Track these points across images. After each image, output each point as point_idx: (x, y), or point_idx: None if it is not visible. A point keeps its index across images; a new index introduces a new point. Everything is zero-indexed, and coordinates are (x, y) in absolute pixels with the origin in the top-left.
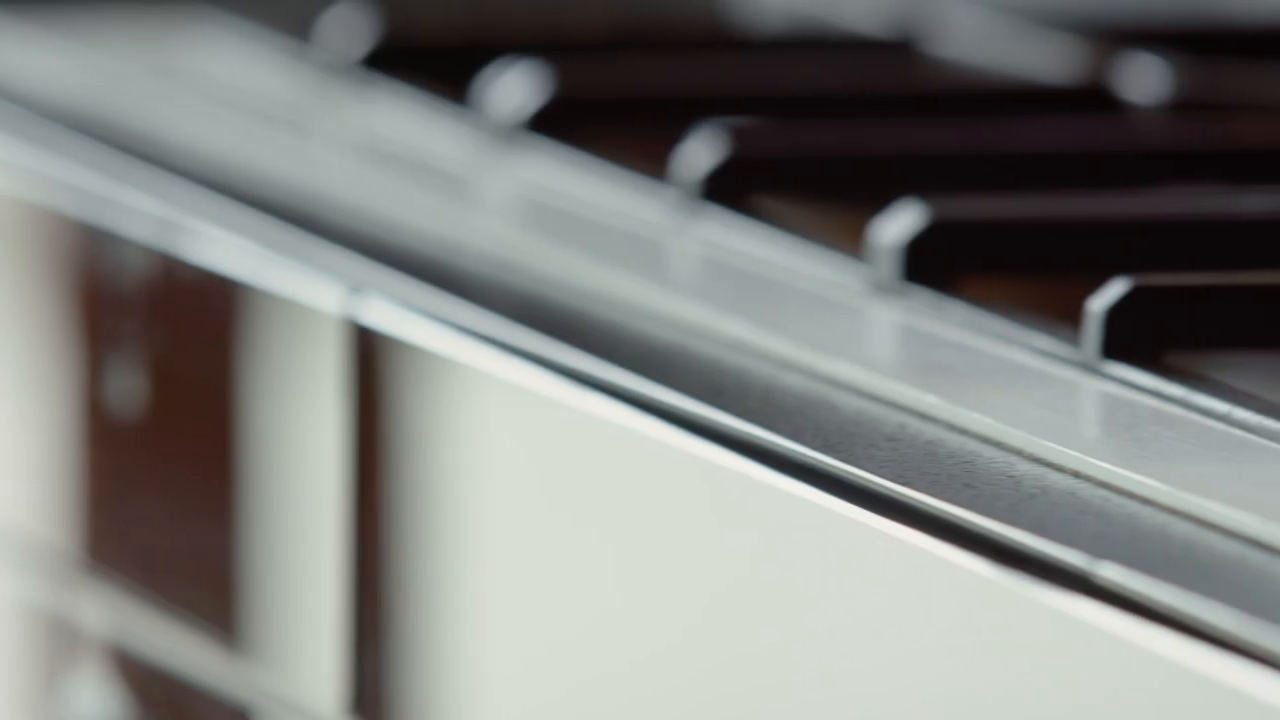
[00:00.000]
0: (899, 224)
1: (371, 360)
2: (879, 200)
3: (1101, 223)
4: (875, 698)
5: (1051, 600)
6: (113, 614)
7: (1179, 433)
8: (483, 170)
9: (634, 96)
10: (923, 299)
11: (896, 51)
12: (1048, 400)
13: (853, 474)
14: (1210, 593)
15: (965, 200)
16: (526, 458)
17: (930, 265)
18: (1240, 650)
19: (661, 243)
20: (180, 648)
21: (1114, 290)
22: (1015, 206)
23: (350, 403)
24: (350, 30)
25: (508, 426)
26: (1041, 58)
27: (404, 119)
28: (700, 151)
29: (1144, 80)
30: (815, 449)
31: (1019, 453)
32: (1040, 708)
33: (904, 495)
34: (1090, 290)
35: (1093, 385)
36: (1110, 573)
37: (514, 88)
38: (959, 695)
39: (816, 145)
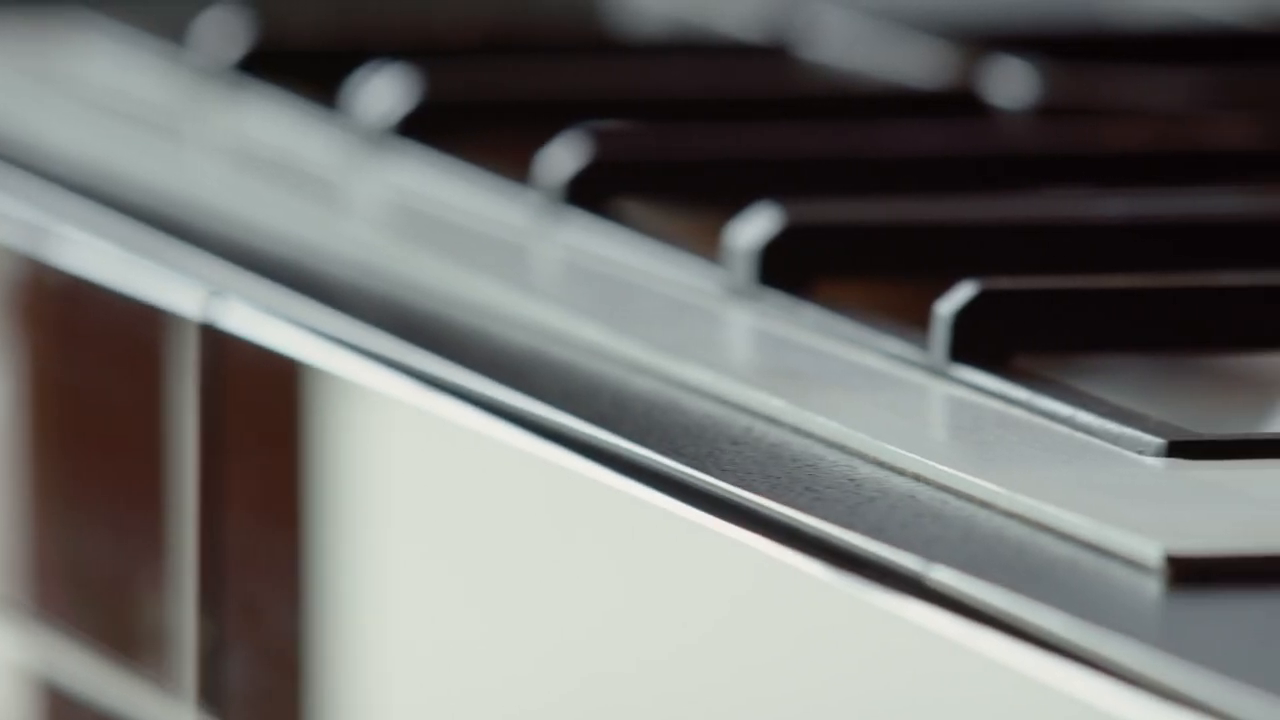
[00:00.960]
0: (754, 227)
1: (229, 364)
2: (740, 204)
3: (956, 226)
4: (715, 699)
5: (885, 603)
6: None
7: (1020, 436)
8: (350, 174)
9: (505, 100)
10: (777, 302)
11: (770, 56)
12: (893, 404)
13: (694, 477)
14: (1038, 595)
15: (821, 204)
16: (383, 461)
17: (785, 269)
18: (1067, 653)
19: (523, 247)
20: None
21: (961, 294)
22: (871, 210)
23: (208, 406)
24: (225, 34)
25: (365, 430)
26: (911, 62)
27: (275, 123)
28: (563, 155)
29: (1011, 84)
30: (660, 452)
31: (862, 456)
32: (873, 710)
33: (744, 499)
34: (942, 294)
35: (939, 388)
36: (941, 575)
37: (383, 92)
38: (796, 697)
39: (680, 149)
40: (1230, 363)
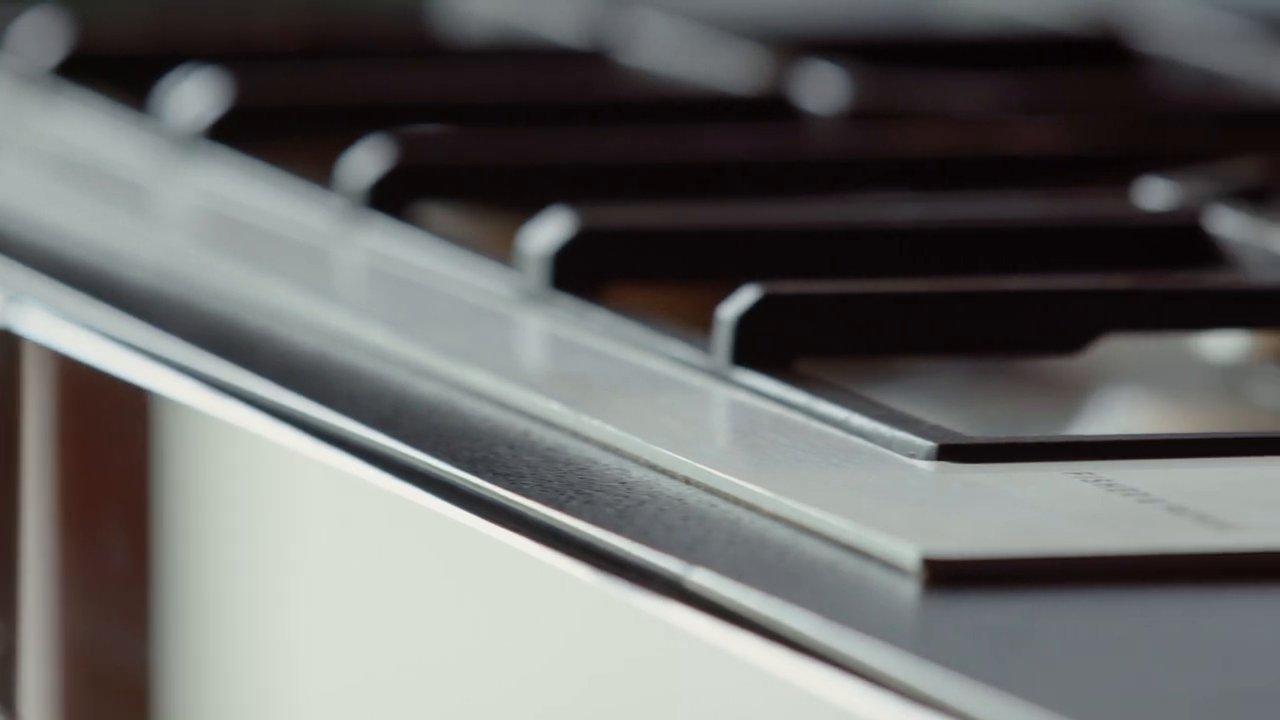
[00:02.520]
0: (547, 232)
1: (25, 369)
2: (540, 208)
3: (748, 231)
4: (479, 699)
5: (647, 606)
6: None
7: (794, 439)
8: (158, 179)
9: (319, 105)
10: (568, 307)
11: (590, 61)
12: (671, 407)
13: (465, 480)
14: (795, 598)
15: (615, 208)
16: (178, 464)
17: (577, 273)
18: (819, 655)
19: (323, 251)
20: None
21: (743, 298)
22: (664, 215)
23: (3, 411)
24: (42, 38)
25: (161, 434)
26: (728, 67)
27: (89, 127)
28: (366, 160)
29: (822, 89)
30: (435, 456)
31: (635, 459)
32: (634, 713)
33: (514, 502)
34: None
35: (720, 392)
36: (701, 578)
37: (195, 96)
38: (559, 699)
39: (484, 153)
40: (1011, 366)
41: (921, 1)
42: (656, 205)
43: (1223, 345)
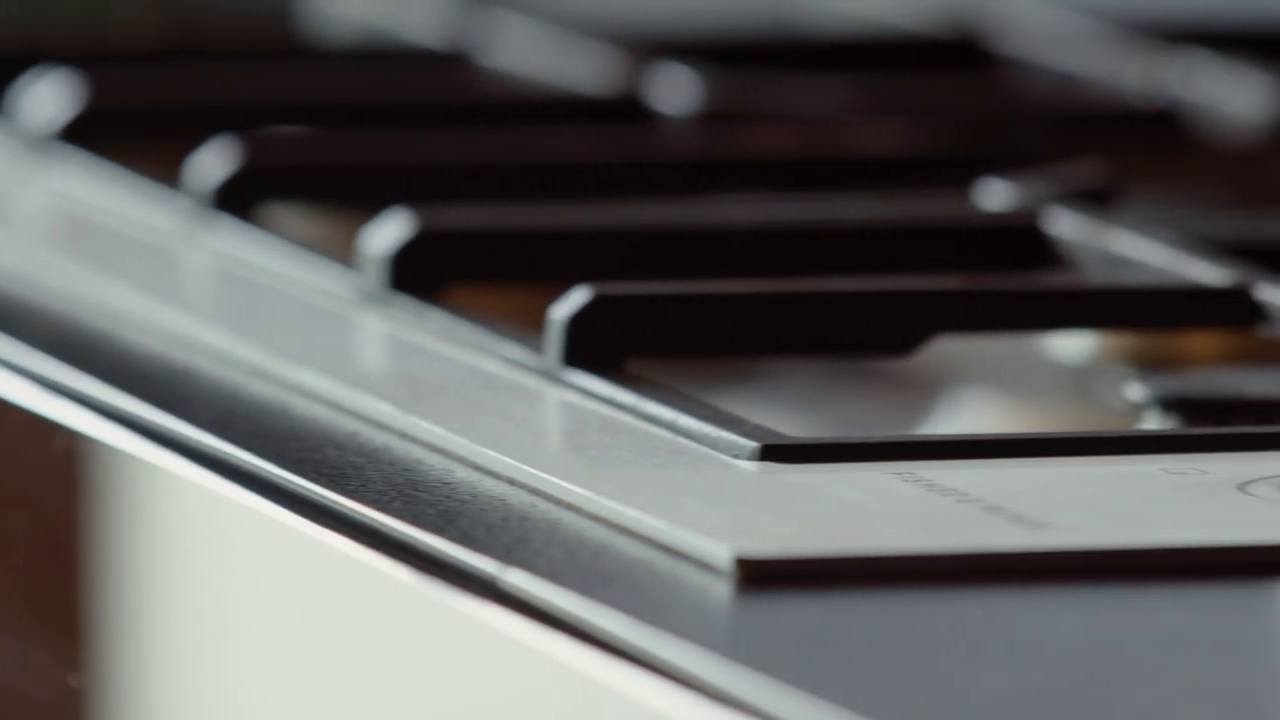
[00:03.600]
0: (387, 233)
1: None
2: (386, 209)
3: (588, 232)
4: (299, 696)
5: (464, 607)
6: None
7: (620, 440)
8: (11, 181)
9: (176, 106)
10: (406, 307)
11: (450, 63)
12: (501, 408)
13: (289, 480)
14: (606, 599)
15: (455, 209)
16: (10, 465)
17: (417, 274)
18: (629, 656)
19: (168, 252)
20: None
21: (575, 298)
22: (505, 216)
23: None
24: None
25: None
26: (585, 69)
27: None
28: (213, 161)
29: (676, 91)
30: (262, 456)
31: (460, 460)
32: (453, 714)
33: (335, 502)
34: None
35: (550, 393)
36: (515, 579)
37: (50, 97)
38: (376, 698)
39: (333, 154)
40: (865, 367)
41: (783, 4)
42: (499, 206)
43: (1071, 346)
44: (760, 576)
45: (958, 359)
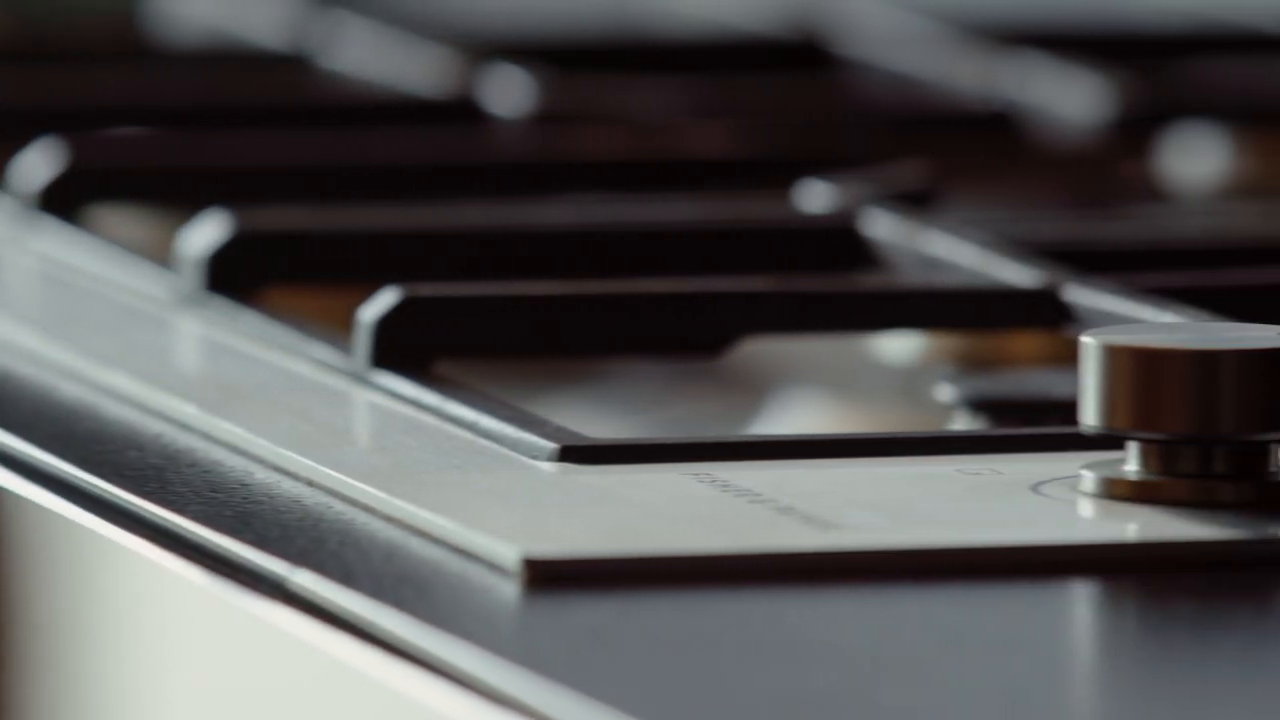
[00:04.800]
0: (204, 234)
1: None
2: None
3: (407, 234)
4: (96, 699)
5: (255, 608)
6: None
7: (422, 441)
8: None
9: (13, 107)
10: (221, 309)
11: (291, 65)
12: (306, 410)
13: (91, 483)
14: (394, 600)
15: (274, 211)
16: None
17: (233, 275)
18: (414, 658)
19: None
20: None
21: (384, 300)
22: (323, 217)
23: None
24: None
25: None
26: (422, 70)
27: None
28: (38, 162)
29: (510, 92)
30: (66, 459)
31: (260, 461)
32: (244, 715)
33: (134, 504)
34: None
35: (357, 395)
36: (304, 580)
37: None
38: (173, 698)
39: (160, 156)
40: (649, 368)
41: (627, 6)
42: (319, 207)
43: (899, 346)
44: (548, 577)
45: (784, 359)
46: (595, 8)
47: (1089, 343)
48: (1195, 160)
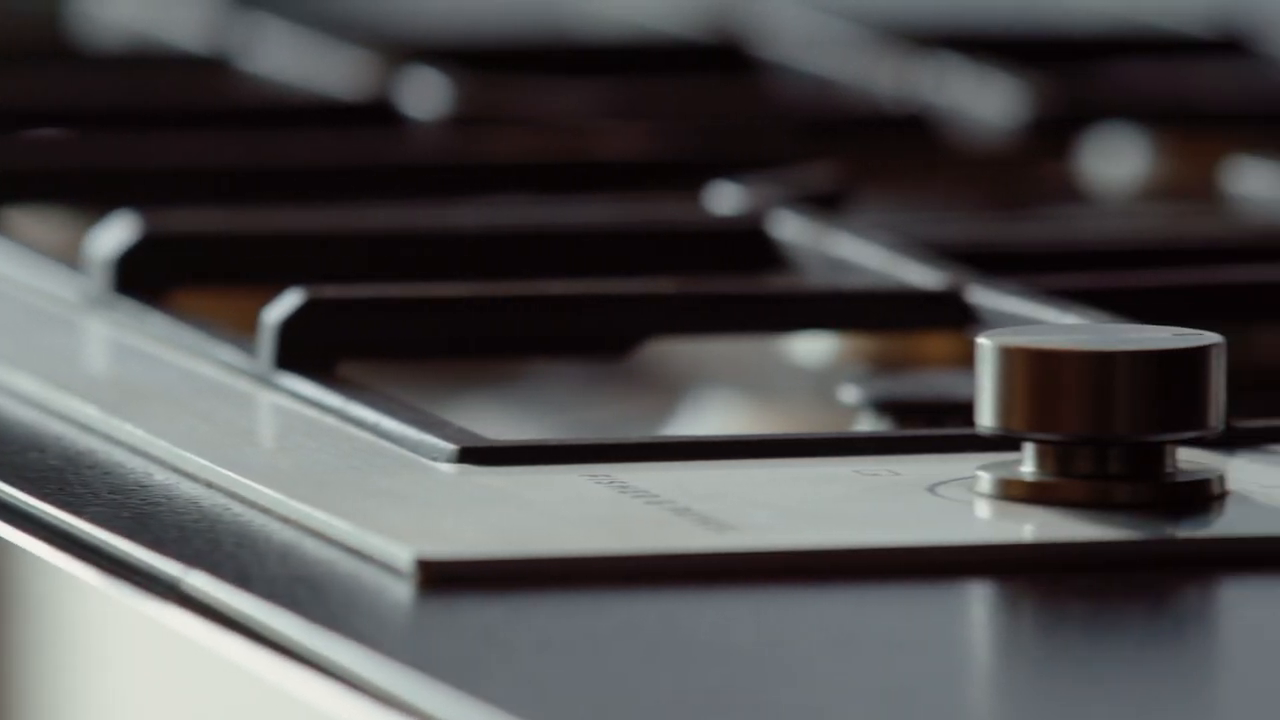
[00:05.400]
0: (112, 236)
1: None
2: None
3: (315, 236)
4: None
5: (149, 610)
6: None
7: (323, 443)
8: None
9: None
10: (129, 311)
11: (212, 67)
12: (209, 411)
13: None
14: (286, 602)
15: (182, 212)
16: None
17: (141, 277)
18: (305, 660)
19: None
20: None
21: (288, 302)
22: (232, 219)
23: None
24: None
25: None
26: (341, 73)
27: None
28: None
29: (427, 95)
30: None
31: (160, 463)
32: (137, 717)
33: (32, 506)
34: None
35: (260, 396)
36: (198, 581)
37: None
38: (65, 700)
39: (74, 157)
40: (562, 369)
41: (549, 8)
42: (229, 209)
43: (815, 348)
44: (441, 578)
45: (697, 360)
46: (517, 10)
47: (985, 344)
48: (1114, 162)
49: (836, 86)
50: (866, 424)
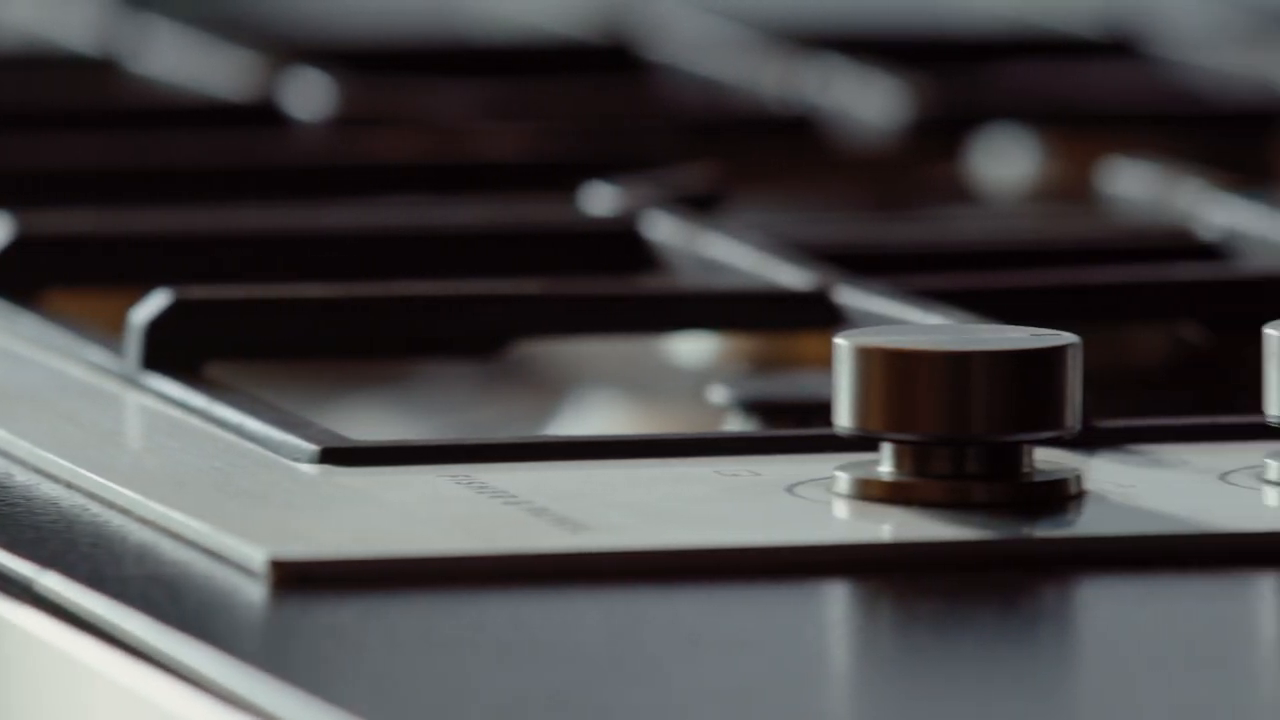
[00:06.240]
0: None
1: None
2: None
3: (187, 237)
4: None
5: (3, 610)
6: None
7: (185, 443)
8: None
9: None
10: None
11: (101, 69)
12: (74, 412)
13: None
14: (140, 603)
15: (55, 214)
16: None
17: (12, 278)
18: (155, 661)
19: None
20: None
21: (155, 302)
22: (105, 220)
23: None
24: None
25: None
26: (229, 74)
27: None
28: None
29: (312, 96)
30: None
31: (22, 463)
32: None
33: None
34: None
35: (127, 397)
36: (51, 582)
37: None
38: None
39: None
40: (431, 370)
41: (441, 9)
42: (103, 210)
43: (696, 348)
44: (295, 579)
45: (571, 360)
46: (411, 12)
47: (842, 344)
48: (1002, 163)
49: (724, 88)
50: (735, 424)
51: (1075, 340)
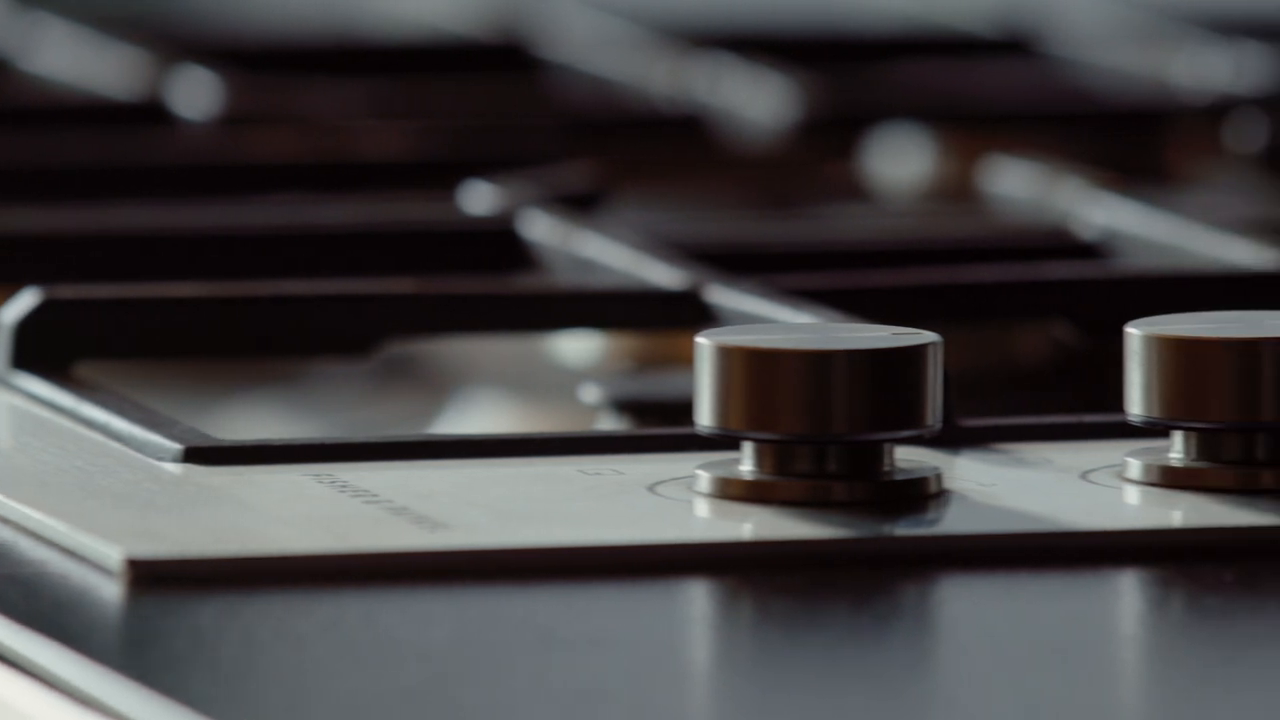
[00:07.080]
0: None
1: None
2: None
3: (64, 236)
4: None
5: None
6: None
7: (49, 443)
8: None
9: None
10: None
11: None
12: None
13: None
14: None
15: None
16: None
17: None
18: (10, 661)
19: None
20: None
21: (24, 302)
22: None
23: None
24: None
25: None
26: (118, 72)
27: None
28: None
29: (198, 94)
30: None
31: None
32: None
33: None
34: None
35: None
36: None
37: None
38: None
39: None
40: (309, 370)
41: (334, 8)
42: None
43: (580, 347)
44: (151, 578)
45: (455, 359)
46: (306, 10)
47: (703, 343)
48: (897, 162)
49: (615, 86)
50: (605, 423)
51: (936, 339)
